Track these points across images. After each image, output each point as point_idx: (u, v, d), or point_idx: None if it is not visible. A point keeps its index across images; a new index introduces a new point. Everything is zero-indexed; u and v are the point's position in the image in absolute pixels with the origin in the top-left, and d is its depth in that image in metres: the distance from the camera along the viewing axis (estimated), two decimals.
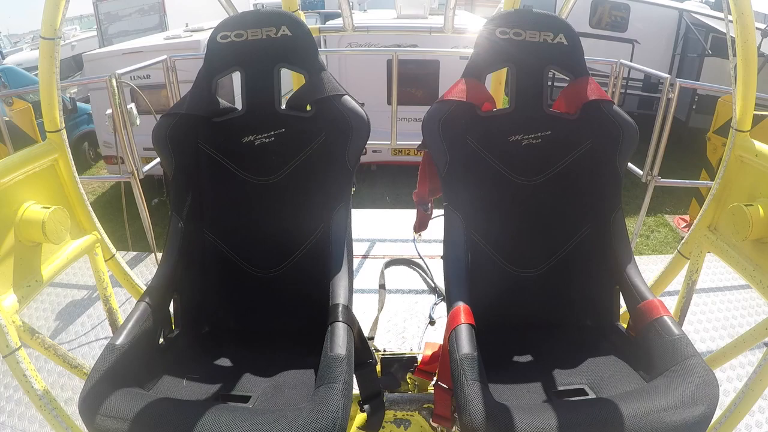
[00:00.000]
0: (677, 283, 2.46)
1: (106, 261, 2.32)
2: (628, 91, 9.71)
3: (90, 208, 2.26)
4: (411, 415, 2.18)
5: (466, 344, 1.65)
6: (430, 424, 2.16)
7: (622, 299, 2.04)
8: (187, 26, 9.71)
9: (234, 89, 6.13)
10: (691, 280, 2.32)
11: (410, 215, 2.51)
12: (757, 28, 2.04)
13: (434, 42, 6.66)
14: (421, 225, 2.44)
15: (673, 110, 4.17)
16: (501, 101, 3.49)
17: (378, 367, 2.13)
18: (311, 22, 11.98)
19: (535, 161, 2.09)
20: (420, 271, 3.66)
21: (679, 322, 2.28)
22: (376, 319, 2.36)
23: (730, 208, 2.02)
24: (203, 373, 1.82)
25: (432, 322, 3.15)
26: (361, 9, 12.13)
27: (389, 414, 2.15)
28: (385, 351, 2.29)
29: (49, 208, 1.92)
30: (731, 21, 1.95)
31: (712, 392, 1.50)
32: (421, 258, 3.73)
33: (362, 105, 2.09)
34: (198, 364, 1.88)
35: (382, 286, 2.55)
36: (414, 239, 3.89)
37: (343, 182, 2.09)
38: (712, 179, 2.39)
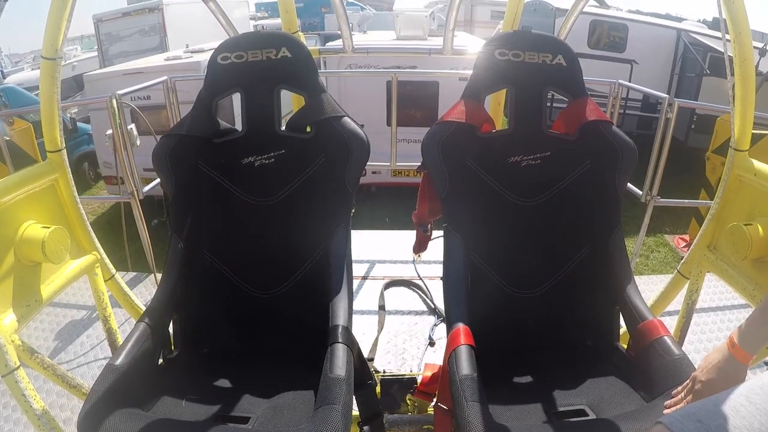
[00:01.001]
0: (677, 302, 2.46)
1: (105, 281, 2.32)
2: (627, 112, 9.71)
3: (90, 228, 2.26)
4: None
5: (465, 365, 1.64)
6: None
7: (622, 319, 2.03)
8: (187, 47, 9.75)
9: (234, 110, 6.15)
10: (691, 300, 2.31)
11: (410, 236, 2.51)
12: (754, 47, 2.05)
13: (434, 63, 6.67)
14: (420, 246, 2.44)
15: (672, 130, 4.18)
16: (500, 122, 3.50)
17: (378, 388, 2.12)
18: (311, 44, 12.03)
19: (535, 182, 2.09)
20: (420, 292, 3.64)
21: (680, 342, 2.28)
22: (376, 340, 2.35)
23: (730, 228, 2.02)
24: (202, 394, 1.81)
25: (432, 343, 3.14)
26: (361, 30, 12.19)
27: None
28: (384, 372, 2.29)
29: (48, 227, 1.93)
30: (729, 40, 1.96)
31: None
32: (420, 279, 3.72)
33: (362, 126, 2.09)
34: (197, 385, 1.87)
35: (381, 307, 2.54)
36: (414, 260, 3.88)
37: (343, 203, 2.10)
38: (712, 198, 2.39)
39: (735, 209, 2.14)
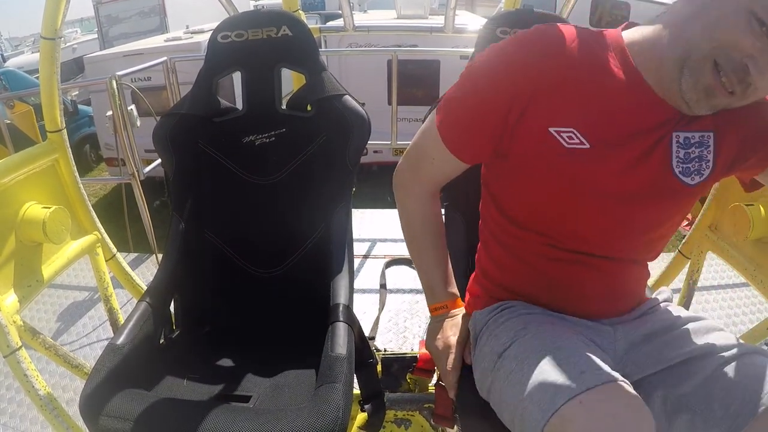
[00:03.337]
0: (679, 281, 2.46)
1: (106, 261, 2.32)
2: None
3: (90, 208, 2.25)
4: (412, 415, 2.18)
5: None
6: (431, 424, 2.16)
7: None
8: (187, 28, 9.71)
9: (234, 89, 6.13)
10: (692, 280, 2.32)
11: None
12: None
13: (435, 42, 6.64)
14: None
15: None
16: None
17: (379, 367, 2.13)
18: (312, 23, 11.97)
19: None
20: None
21: None
22: (377, 318, 2.35)
23: (731, 208, 2.02)
24: (204, 374, 1.82)
25: None
26: (362, 9, 12.14)
27: (390, 414, 2.14)
28: (385, 351, 2.29)
29: (49, 208, 1.92)
30: None
31: None
32: None
33: (363, 105, 2.09)
34: (199, 365, 1.87)
35: (383, 286, 2.54)
36: None
37: (344, 182, 2.10)
38: None
39: (736, 189, 2.13)
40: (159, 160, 2.08)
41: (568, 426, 1.07)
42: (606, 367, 1.16)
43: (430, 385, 2.23)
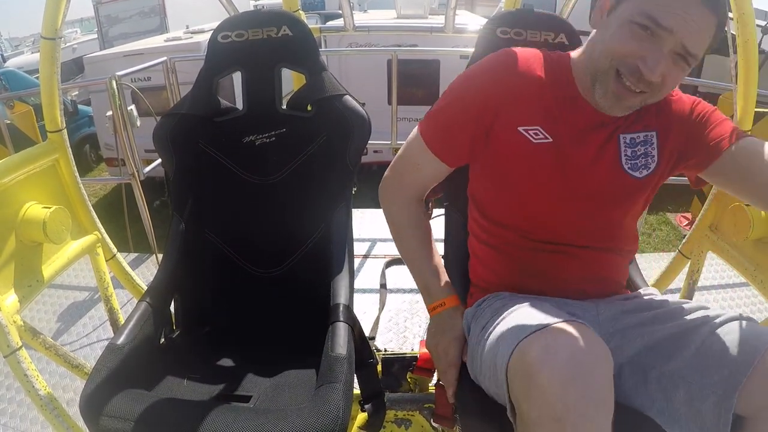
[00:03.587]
0: (679, 281, 2.46)
1: (107, 261, 2.32)
2: None
3: (90, 208, 2.25)
4: (412, 415, 2.18)
5: None
6: (431, 424, 2.16)
7: None
8: (187, 28, 9.70)
9: (234, 89, 6.13)
10: (692, 280, 2.32)
11: None
12: (757, 25, 2.04)
13: (435, 42, 6.64)
14: None
15: None
16: None
17: (379, 367, 2.13)
18: (311, 23, 11.97)
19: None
20: None
21: None
22: (377, 318, 2.35)
23: (731, 208, 2.02)
24: (204, 374, 1.82)
25: None
26: (362, 9, 12.14)
27: (390, 414, 2.14)
28: (386, 351, 2.29)
29: (49, 208, 1.92)
30: (731, 18, 1.94)
31: None
32: None
33: (363, 105, 2.09)
34: (199, 365, 1.87)
35: (383, 286, 2.54)
36: None
37: (344, 182, 2.10)
38: None
39: None
40: (159, 160, 2.08)
41: (526, 357, 1.17)
42: (570, 316, 1.27)
43: (430, 385, 2.23)
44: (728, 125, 1.51)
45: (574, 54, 1.56)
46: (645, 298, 1.64)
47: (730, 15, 1.92)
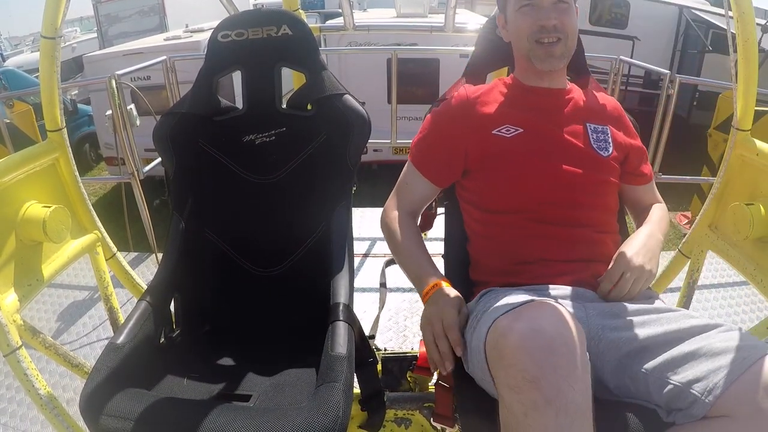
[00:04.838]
0: (679, 280, 2.46)
1: (106, 260, 2.32)
2: (628, 88, 9.66)
3: (90, 207, 2.25)
4: (412, 414, 2.18)
5: None
6: (431, 424, 2.16)
7: None
8: (187, 27, 9.71)
9: (234, 88, 6.13)
10: (692, 279, 2.32)
11: None
12: (757, 24, 2.04)
13: (435, 41, 6.64)
14: (426, 224, 2.43)
15: (674, 107, 4.16)
16: None
17: (379, 366, 2.13)
18: (311, 22, 11.95)
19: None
20: None
21: None
22: (377, 318, 2.35)
23: (731, 207, 2.01)
24: (204, 373, 1.82)
25: None
26: (361, 8, 12.14)
27: (390, 413, 2.14)
28: (386, 350, 2.29)
29: (49, 207, 1.92)
30: (731, 17, 1.94)
31: None
32: None
33: (363, 104, 2.09)
34: (199, 364, 1.87)
35: (383, 285, 2.54)
36: None
37: (344, 181, 2.10)
38: (713, 175, 2.38)
39: (737, 189, 2.13)
40: (159, 159, 2.08)
41: (499, 328, 1.29)
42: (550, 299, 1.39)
43: (430, 384, 2.23)
44: (648, 166, 2.04)
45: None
46: (636, 303, 1.66)
47: (731, 14, 1.92)
